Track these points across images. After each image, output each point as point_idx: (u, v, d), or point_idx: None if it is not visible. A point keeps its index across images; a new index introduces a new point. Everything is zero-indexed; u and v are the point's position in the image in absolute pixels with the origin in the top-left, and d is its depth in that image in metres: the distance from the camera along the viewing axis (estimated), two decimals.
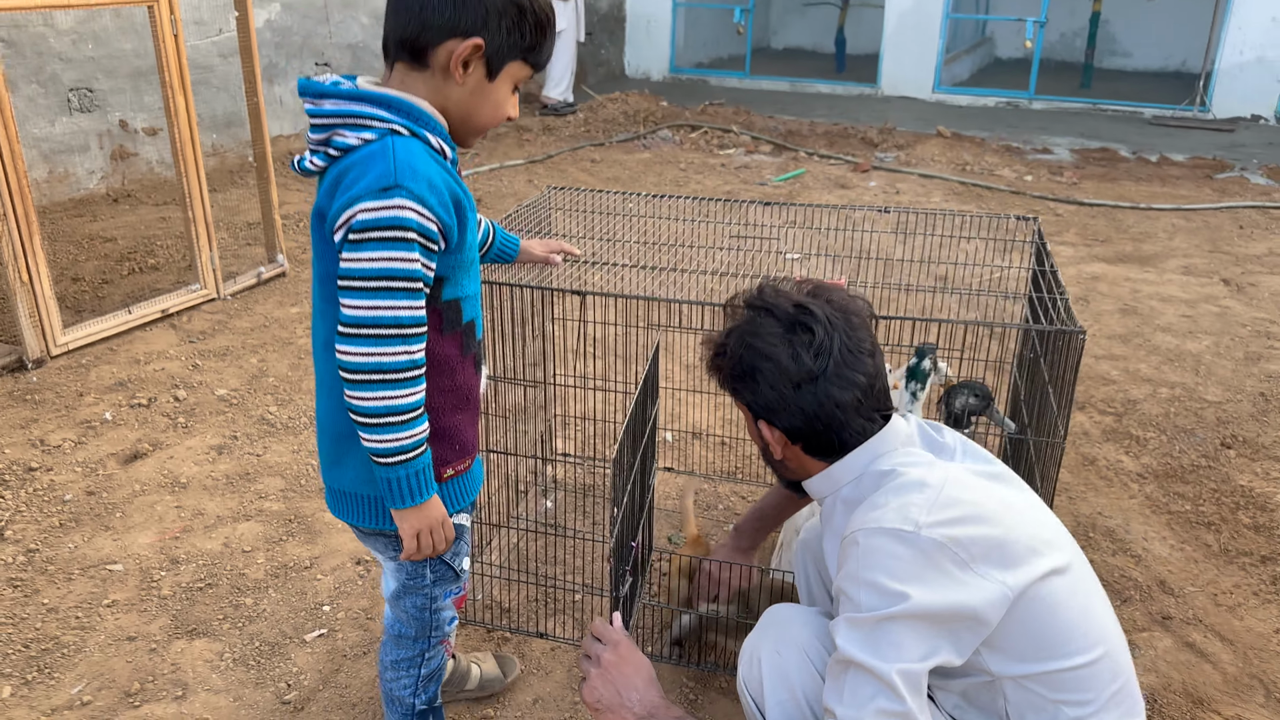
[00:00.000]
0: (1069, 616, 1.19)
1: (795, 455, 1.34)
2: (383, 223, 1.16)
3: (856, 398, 1.27)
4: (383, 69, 1.30)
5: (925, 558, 1.14)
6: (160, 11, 3.32)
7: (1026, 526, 1.21)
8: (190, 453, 2.71)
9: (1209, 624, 2.13)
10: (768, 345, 1.28)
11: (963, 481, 1.23)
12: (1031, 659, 1.18)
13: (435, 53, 1.23)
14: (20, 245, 3.04)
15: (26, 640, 2.00)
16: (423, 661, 1.52)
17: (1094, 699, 1.19)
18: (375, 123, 1.21)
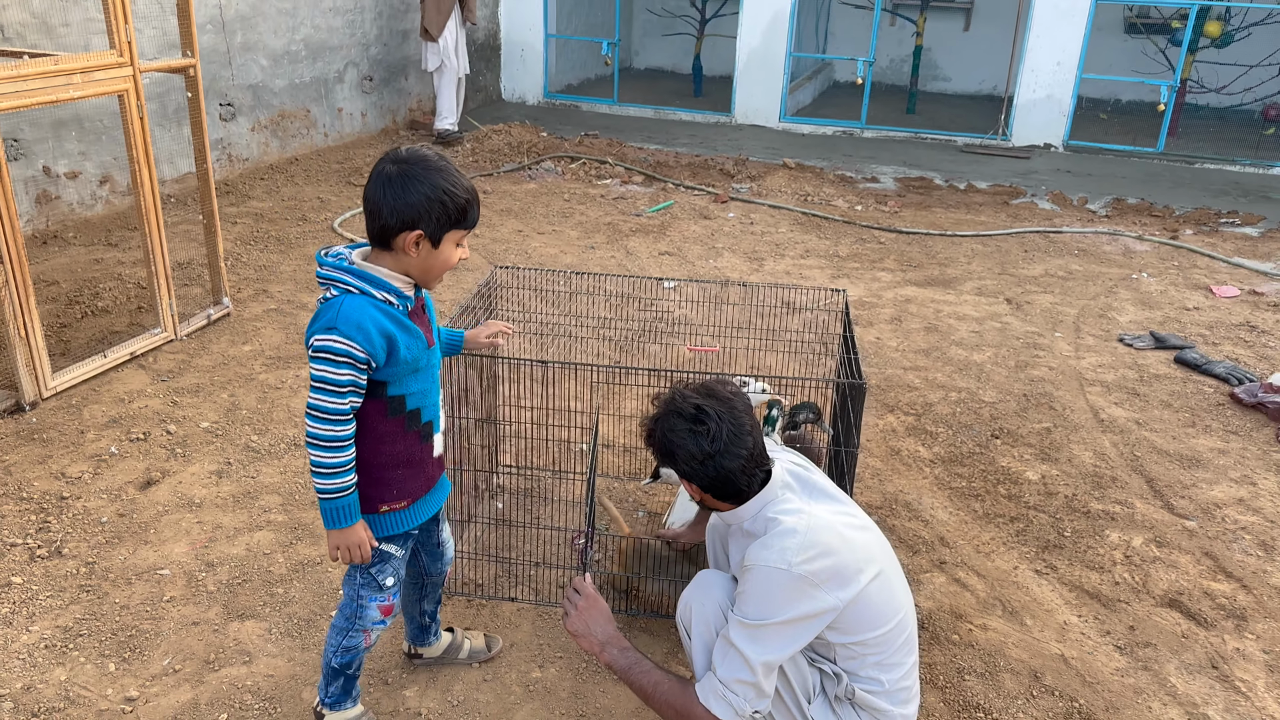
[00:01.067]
0: (877, 605, 1.94)
1: (710, 500, 2.02)
2: (322, 349, 1.82)
3: (742, 464, 1.92)
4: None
5: (794, 583, 1.85)
6: (129, 99, 3.84)
7: (856, 552, 1.92)
8: (195, 478, 3.31)
9: (970, 565, 3.09)
10: (678, 437, 1.94)
11: (821, 524, 1.91)
12: (852, 632, 1.95)
13: (394, 241, 1.87)
14: (19, 304, 3.54)
15: (112, 630, 2.61)
16: (344, 634, 2.11)
17: (889, 649, 1.98)
18: (340, 285, 1.87)
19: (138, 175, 3.96)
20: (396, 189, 1.83)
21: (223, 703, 2.38)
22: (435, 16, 7.93)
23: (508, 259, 5.64)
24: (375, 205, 1.86)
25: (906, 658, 2.02)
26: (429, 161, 1.86)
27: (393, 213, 1.83)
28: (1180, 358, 4.67)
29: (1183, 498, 3.50)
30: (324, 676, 2.20)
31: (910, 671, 2.04)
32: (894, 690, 2.00)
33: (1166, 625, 2.83)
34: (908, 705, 2.04)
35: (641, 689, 2.02)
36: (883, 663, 1.98)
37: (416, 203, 1.83)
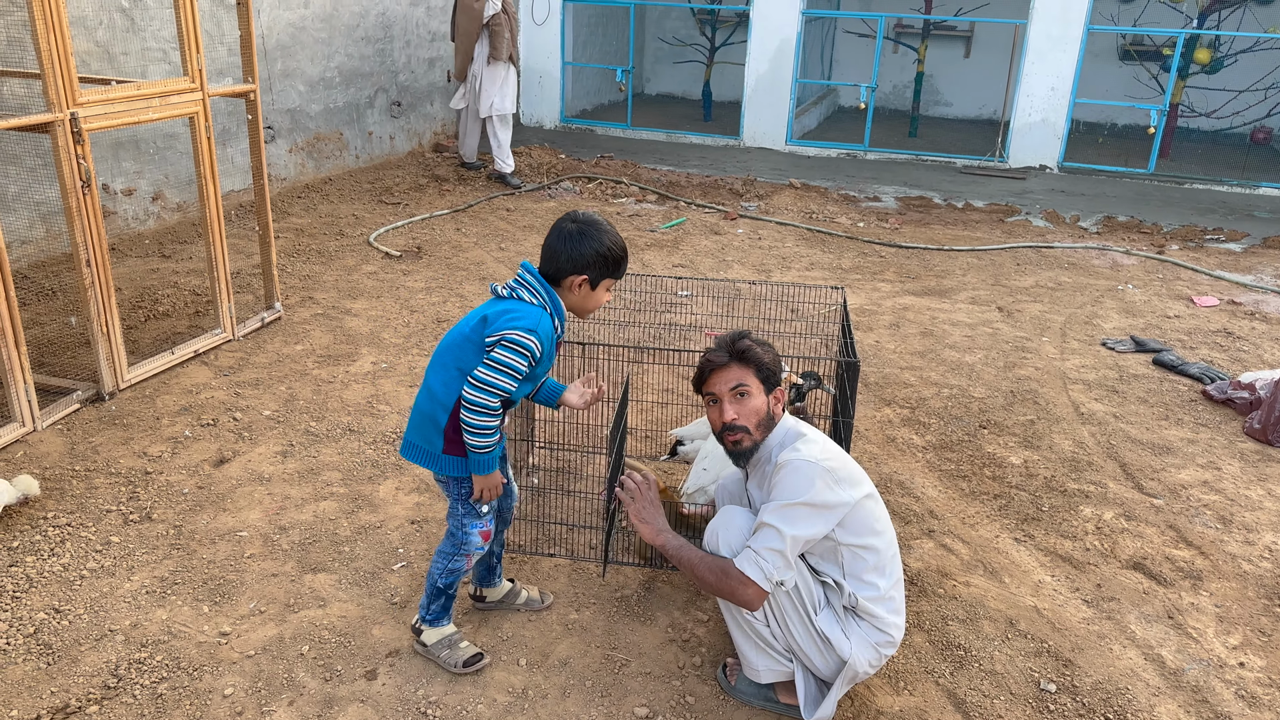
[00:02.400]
0: (875, 514, 2.37)
1: (781, 411, 2.48)
2: (519, 343, 2.29)
3: None
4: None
5: (821, 474, 2.28)
6: (199, 121, 4.28)
7: (856, 471, 2.40)
8: (262, 457, 3.70)
9: (956, 534, 3.45)
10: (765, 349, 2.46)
11: (832, 446, 2.42)
12: (856, 535, 2.35)
13: (564, 281, 2.41)
14: (102, 304, 3.95)
15: (203, 579, 2.99)
16: (450, 559, 2.54)
17: (883, 556, 2.39)
18: (540, 297, 2.38)
19: (204, 189, 4.39)
20: (575, 242, 2.37)
21: (304, 637, 2.75)
22: (460, 58, 8.04)
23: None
24: (554, 251, 2.39)
25: (896, 569, 2.42)
26: (601, 225, 2.41)
27: (568, 260, 2.37)
28: (1158, 359, 5.03)
29: (1152, 480, 3.86)
30: (427, 596, 2.60)
31: (899, 584, 2.43)
32: (887, 597, 2.38)
33: (1130, 584, 3.19)
34: (898, 615, 2.42)
35: (689, 563, 2.39)
36: (879, 567, 2.37)
37: (587, 254, 2.37)
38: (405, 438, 2.51)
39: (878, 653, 2.40)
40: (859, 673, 2.39)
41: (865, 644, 2.38)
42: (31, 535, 3.15)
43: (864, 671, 2.40)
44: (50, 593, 2.89)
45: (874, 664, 2.41)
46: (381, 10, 8.50)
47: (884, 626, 2.38)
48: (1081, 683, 2.72)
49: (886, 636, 2.39)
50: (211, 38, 6.59)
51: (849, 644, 2.37)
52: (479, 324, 2.37)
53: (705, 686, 2.62)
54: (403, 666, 2.65)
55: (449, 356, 2.41)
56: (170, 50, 6.26)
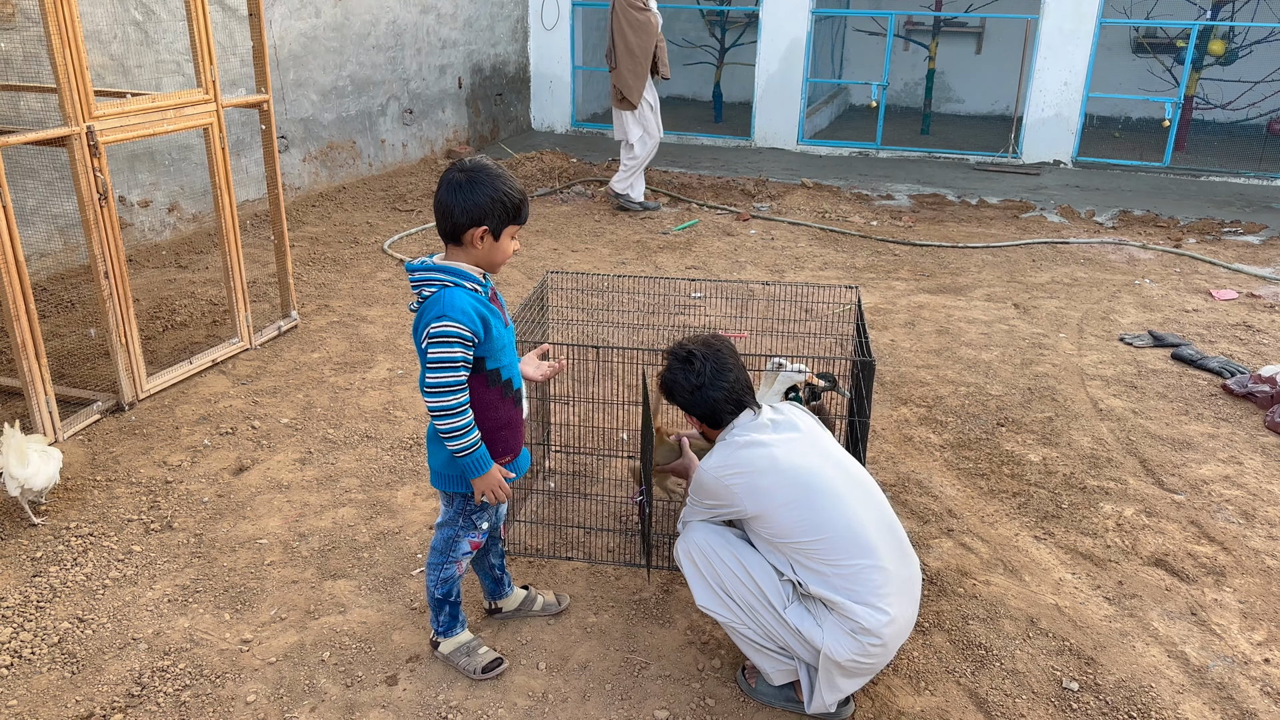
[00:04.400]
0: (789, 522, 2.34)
1: (704, 428, 2.55)
2: (439, 334, 2.21)
3: (724, 395, 2.45)
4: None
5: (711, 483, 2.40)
6: (213, 132, 4.31)
7: (781, 476, 2.34)
8: (281, 465, 3.73)
9: (975, 533, 3.44)
10: (674, 374, 2.49)
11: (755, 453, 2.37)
12: (785, 536, 2.36)
13: (464, 236, 2.26)
14: (120, 315, 3.99)
15: (224, 587, 3.01)
16: (440, 568, 2.54)
17: (828, 553, 2.34)
18: (436, 282, 2.27)
19: (219, 200, 4.42)
20: (465, 191, 2.23)
21: (325, 643, 2.77)
22: (634, 82, 7.20)
23: (544, 274, 6.06)
24: (447, 206, 2.25)
25: (850, 561, 2.33)
26: (490, 169, 2.27)
27: (463, 212, 2.23)
28: (1177, 354, 4.99)
29: (1173, 475, 3.83)
30: (432, 610, 2.61)
31: (859, 575, 2.33)
32: (841, 587, 2.33)
33: (1152, 581, 3.16)
34: (867, 604, 2.33)
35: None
36: (826, 560, 2.34)
37: (482, 202, 2.23)
38: (431, 466, 2.49)
39: (857, 641, 2.33)
40: (841, 663, 2.35)
41: (839, 632, 2.35)
42: (54, 545, 3.18)
43: (849, 661, 2.34)
44: (74, 602, 2.91)
45: (858, 654, 2.34)
46: (392, 19, 8.54)
47: (849, 614, 2.33)
48: (1104, 681, 2.70)
49: (857, 623, 2.32)
50: (224, 49, 6.64)
51: (820, 632, 2.37)
52: (415, 334, 2.35)
53: (725, 689, 2.62)
54: (423, 672, 2.65)
55: None
56: (184, 62, 6.32)
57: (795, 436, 2.44)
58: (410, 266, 2.32)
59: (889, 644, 2.37)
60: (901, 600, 2.39)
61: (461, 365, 2.24)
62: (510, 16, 10.56)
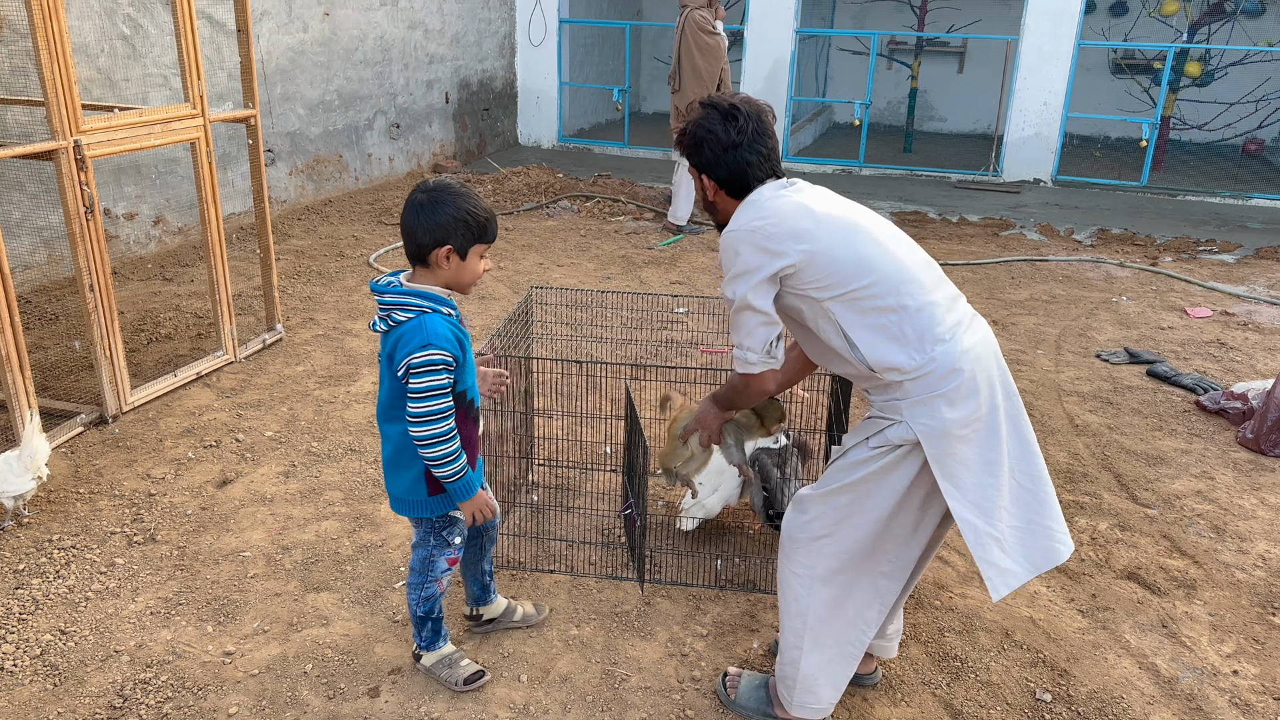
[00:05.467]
0: (844, 261, 2.15)
1: (721, 198, 2.31)
2: (426, 363, 2.19)
3: (760, 159, 2.24)
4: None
5: (743, 240, 2.18)
6: (200, 146, 4.34)
7: (819, 223, 2.16)
8: (265, 478, 3.74)
9: (952, 545, 3.48)
10: (711, 126, 2.25)
11: (787, 202, 2.20)
12: (833, 286, 2.16)
13: (430, 257, 2.24)
14: (105, 328, 4.00)
15: (207, 600, 3.02)
16: (420, 588, 2.54)
17: (881, 296, 2.16)
18: (414, 308, 2.24)
19: (205, 213, 4.44)
20: (428, 212, 2.21)
21: (307, 656, 2.78)
22: None
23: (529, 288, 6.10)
24: (411, 228, 2.24)
25: (909, 300, 2.17)
26: (453, 188, 2.25)
27: (426, 232, 2.22)
28: (1152, 371, 5.08)
29: (1146, 490, 3.89)
30: (414, 626, 2.63)
31: (920, 313, 2.17)
32: (908, 335, 2.17)
33: (1124, 594, 3.22)
34: (940, 343, 2.17)
35: (727, 400, 2.56)
36: (882, 304, 2.18)
37: (445, 222, 2.20)
38: (390, 493, 2.48)
39: (947, 399, 2.15)
40: (952, 432, 2.16)
41: (930, 409, 2.17)
42: (37, 558, 3.18)
43: (958, 430, 2.16)
44: (56, 614, 2.92)
45: (956, 412, 2.16)
46: (380, 34, 8.59)
47: (927, 369, 2.15)
48: (1077, 692, 2.74)
49: (938, 372, 2.16)
50: (211, 63, 6.67)
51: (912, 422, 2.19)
52: (388, 361, 2.30)
53: (705, 700, 2.65)
54: (405, 684, 2.67)
55: (396, 410, 2.34)
56: (171, 76, 6.34)
57: (825, 192, 2.32)
58: (378, 288, 2.29)
59: (979, 384, 2.18)
60: (970, 335, 2.22)
61: (447, 391, 2.25)
62: (498, 33, 10.63)
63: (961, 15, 12.69)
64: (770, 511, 3.13)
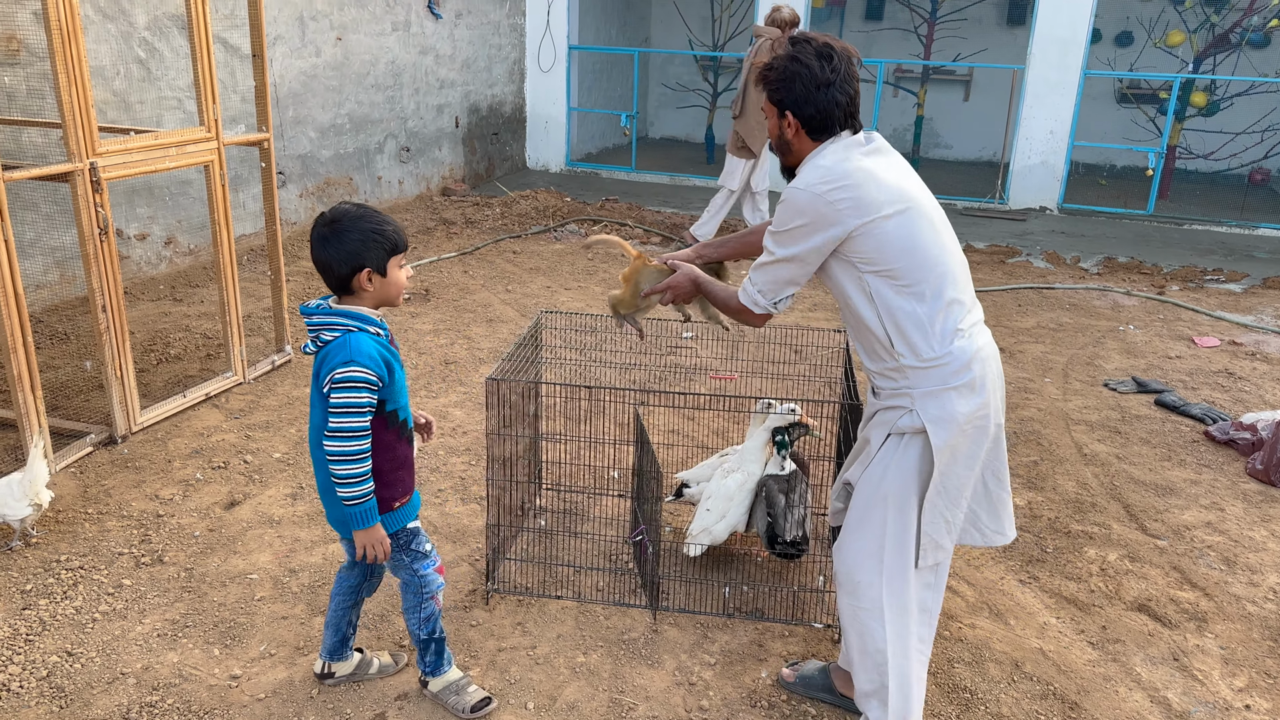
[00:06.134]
0: (895, 238, 2.18)
1: (800, 138, 2.32)
2: (346, 379, 2.22)
3: (847, 101, 2.27)
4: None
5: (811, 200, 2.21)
6: (214, 169, 4.38)
7: (884, 192, 2.19)
8: (273, 500, 3.74)
9: (961, 575, 3.47)
10: (806, 61, 2.25)
11: (855, 167, 2.21)
12: (877, 262, 2.22)
13: (352, 284, 2.27)
14: (116, 349, 4.02)
15: (214, 622, 3.02)
16: (419, 609, 2.55)
17: (917, 280, 2.22)
18: (340, 327, 2.26)
19: (217, 235, 4.47)
20: (336, 242, 2.24)
21: (314, 680, 2.77)
22: (760, 133, 7.36)
23: (537, 311, 6.12)
24: (325, 261, 2.26)
25: (942, 293, 2.25)
26: (350, 213, 2.27)
27: (341, 262, 2.24)
28: (1160, 400, 5.07)
29: (1156, 521, 3.88)
30: (419, 652, 2.63)
31: (949, 310, 2.25)
32: (933, 323, 2.25)
33: (1135, 626, 3.20)
34: (957, 334, 2.26)
35: (713, 296, 2.64)
36: (914, 289, 2.24)
37: (356, 247, 2.23)
38: (335, 519, 2.46)
39: (957, 392, 2.24)
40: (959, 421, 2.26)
41: (940, 399, 2.27)
42: (45, 578, 3.18)
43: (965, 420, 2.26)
44: (63, 636, 2.91)
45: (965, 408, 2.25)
46: (391, 59, 8.68)
47: (942, 359, 2.24)
48: None
49: (950, 365, 2.25)
50: (225, 86, 6.74)
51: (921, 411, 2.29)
52: (315, 379, 2.33)
53: None
54: (411, 710, 2.66)
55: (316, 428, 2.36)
56: (185, 99, 6.41)
57: (896, 159, 2.35)
58: (306, 310, 2.31)
59: (988, 382, 2.29)
60: (982, 335, 2.34)
61: (367, 410, 2.25)
62: (508, 59, 10.73)
63: (968, 44, 12.78)
64: (774, 537, 3.12)
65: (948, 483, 2.34)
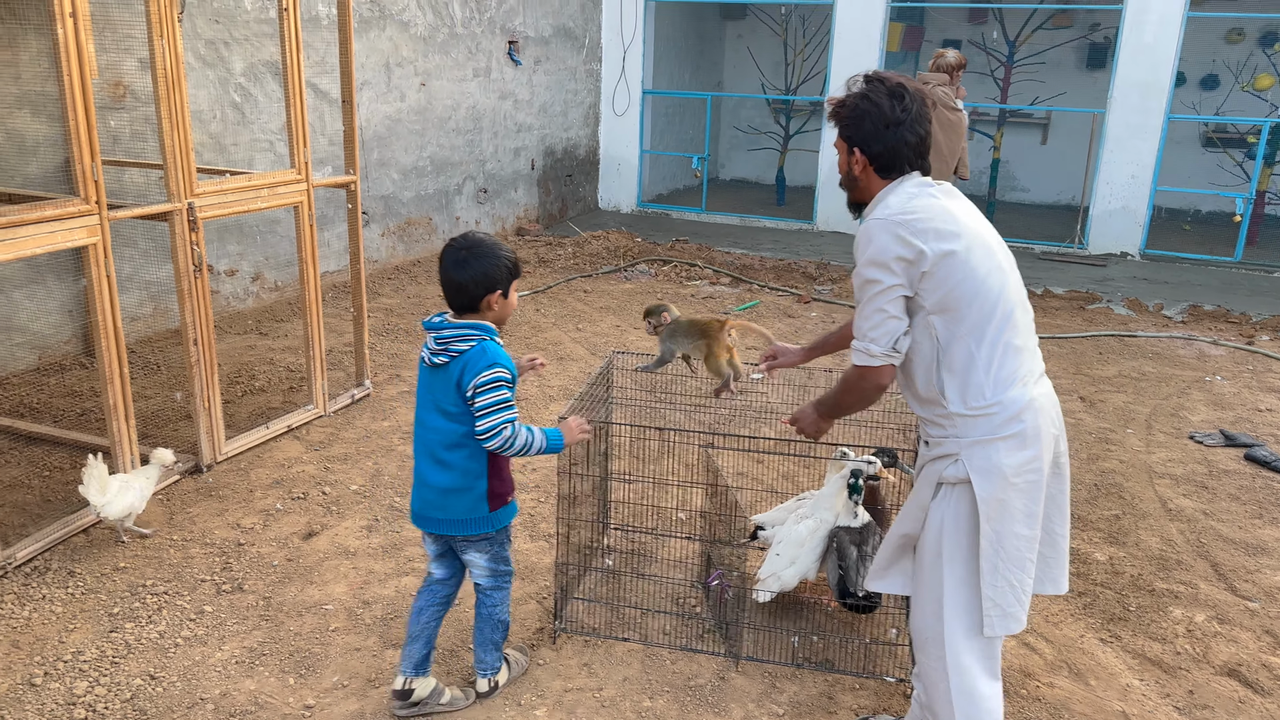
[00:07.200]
0: (959, 275, 2.19)
1: (868, 175, 2.33)
2: (496, 379, 2.49)
3: (917, 141, 2.28)
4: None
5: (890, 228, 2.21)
6: (303, 210, 4.55)
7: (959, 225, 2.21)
8: (349, 531, 3.83)
9: (1039, 632, 3.37)
10: (877, 99, 2.27)
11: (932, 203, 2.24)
12: (940, 303, 2.21)
13: (481, 303, 2.55)
14: (205, 381, 4.18)
15: (289, 651, 3.09)
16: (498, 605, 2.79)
17: (978, 323, 2.21)
18: (475, 337, 2.52)
19: (305, 273, 4.64)
20: (473, 265, 2.52)
21: (384, 713, 2.81)
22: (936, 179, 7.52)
23: (607, 350, 6.18)
24: (460, 282, 2.52)
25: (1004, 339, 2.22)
26: (485, 241, 2.57)
27: (477, 284, 2.52)
28: (1250, 455, 4.88)
29: (1246, 581, 3.72)
30: (490, 649, 2.84)
31: (1006, 358, 2.22)
32: (992, 368, 2.22)
33: (1224, 691, 3.06)
34: (1014, 385, 2.23)
35: (834, 403, 2.54)
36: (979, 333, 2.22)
37: (491, 271, 2.52)
38: (445, 519, 2.65)
39: (1006, 443, 2.21)
40: (1010, 477, 2.22)
41: (989, 450, 2.24)
42: (131, 602, 3.30)
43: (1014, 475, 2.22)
44: (147, 659, 3.01)
45: (1014, 460, 2.21)
46: (472, 104, 8.94)
47: (996, 407, 2.21)
48: None
49: (1002, 415, 2.22)
50: (313, 129, 7.01)
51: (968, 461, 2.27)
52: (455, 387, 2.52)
53: None
54: None
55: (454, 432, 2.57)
56: (275, 141, 6.68)
57: (966, 202, 2.34)
58: (433, 325, 2.57)
59: (1042, 435, 2.24)
60: (1039, 386, 2.29)
61: (512, 404, 2.54)
62: (584, 103, 10.95)
63: (1046, 88, 12.62)
64: (845, 591, 3.08)
65: (1005, 542, 2.25)
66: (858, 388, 2.38)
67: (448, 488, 2.61)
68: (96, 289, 3.63)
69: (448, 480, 2.60)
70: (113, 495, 3.50)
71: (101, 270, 3.61)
